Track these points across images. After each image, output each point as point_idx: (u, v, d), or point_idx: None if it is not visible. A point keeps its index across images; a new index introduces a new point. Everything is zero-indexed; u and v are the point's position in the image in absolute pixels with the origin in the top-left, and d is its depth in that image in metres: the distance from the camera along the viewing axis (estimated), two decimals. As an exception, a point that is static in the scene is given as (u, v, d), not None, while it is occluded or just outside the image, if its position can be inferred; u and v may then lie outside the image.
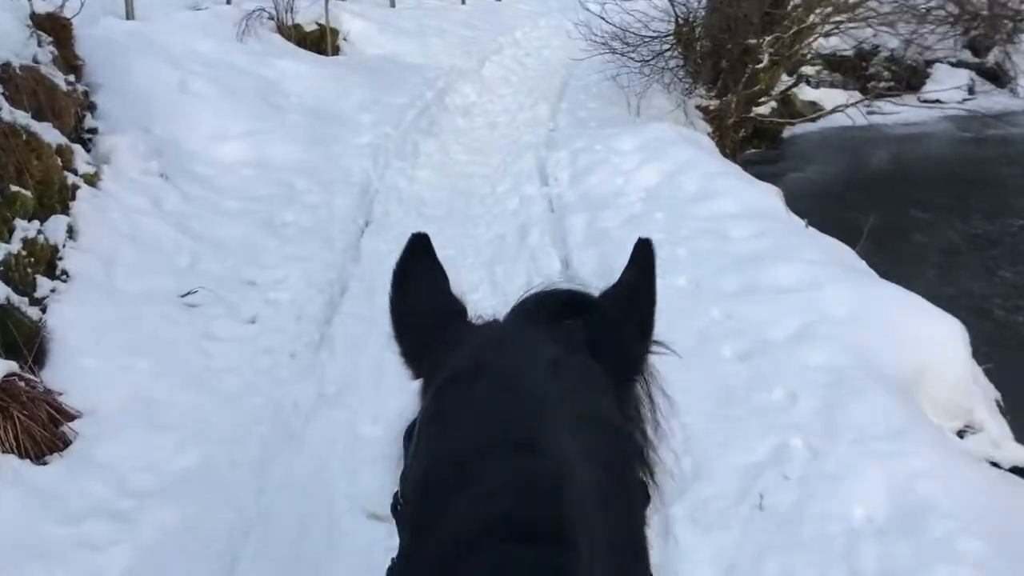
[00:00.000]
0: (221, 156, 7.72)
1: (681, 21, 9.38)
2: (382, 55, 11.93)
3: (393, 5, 14.66)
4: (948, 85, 14.57)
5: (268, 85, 9.51)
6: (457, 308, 1.15)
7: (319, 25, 11.87)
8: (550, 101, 9.99)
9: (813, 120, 11.22)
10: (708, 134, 9.07)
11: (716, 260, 4.91)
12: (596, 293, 1.19)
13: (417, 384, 1.11)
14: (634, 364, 1.10)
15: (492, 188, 7.42)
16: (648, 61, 9.22)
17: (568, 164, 7.37)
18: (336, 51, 11.99)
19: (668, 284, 4.72)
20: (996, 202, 10.45)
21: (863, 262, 5.11)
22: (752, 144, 11.93)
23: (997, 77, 15.07)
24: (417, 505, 0.88)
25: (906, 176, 11.56)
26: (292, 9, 11.51)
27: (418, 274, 1.15)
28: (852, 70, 14.80)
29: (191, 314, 5.08)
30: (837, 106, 10.47)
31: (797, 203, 7.70)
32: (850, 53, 14.33)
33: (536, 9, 16.76)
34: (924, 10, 12.13)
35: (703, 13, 9.63)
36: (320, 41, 11.78)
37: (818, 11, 9.26)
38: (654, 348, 1.15)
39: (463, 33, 13.55)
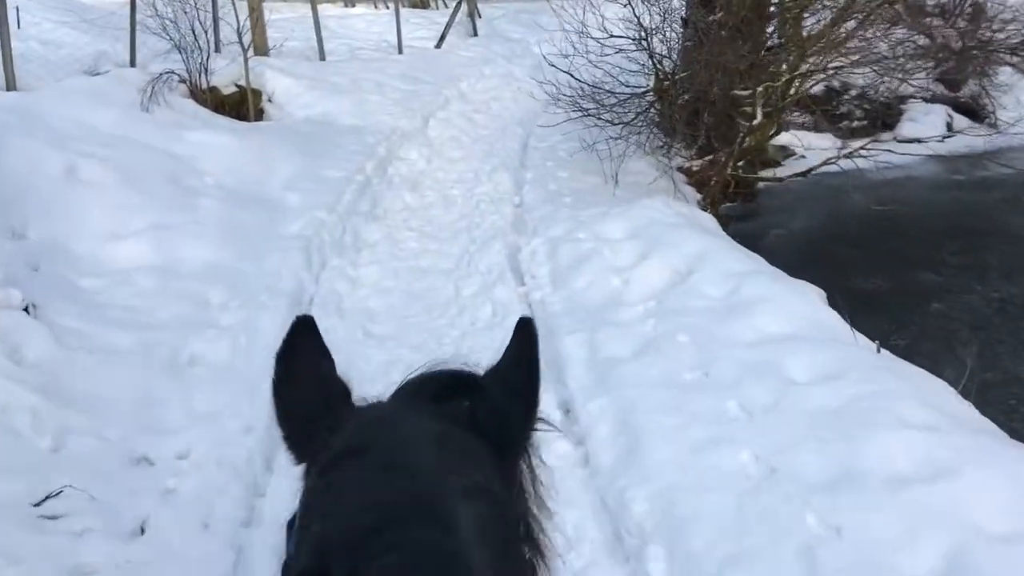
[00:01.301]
0: (116, 260, 6.26)
1: (662, 75, 8.11)
2: (312, 117, 10.51)
3: (323, 58, 13.29)
4: (925, 123, 13.64)
5: (178, 164, 8.04)
6: (341, 391, 1.14)
7: (239, 87, 10.42)
8: (511, 168, 8.65)
9: (804, 175, 10.04)
10: (698, 203, 7.82)
11: (785, 422, 3.56)
12: (479, 373, 1.15)
13: (300, 469, 1.07)
14: (519, 442, 1.08)
15: (456, 290, 6.02)
16: (628, 122, 7.93)
17: (547, 257, 6.01)
18: (260, 115, 10.55)
19: (728, 461, 3.36)
20: (1012, 257, 9.35)
21: (977, 413, 3.81)
22: (726, 197, 10.76)
23: (974, 112, 14.18)
24: None
25: (902, 229, 10.42)
26: (207, 70, 10.05)
27: (301, 357, 1.14)
28: (822, 110, 13.77)
29: (48, 534, 3.57)
30: (829, 158, 9.33)
31: (791, 269, 6.50)
32: (819, 91, 13.35)
33: (479, 56, 15.50)
34: (895, 42, 11.14)
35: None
36: (240, 104, 10.33)
37: (812, 54, 8.09)
38: (537, 425, 1.12)
39: (403, 87, 12.20)
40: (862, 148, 9.20)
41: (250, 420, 4.46)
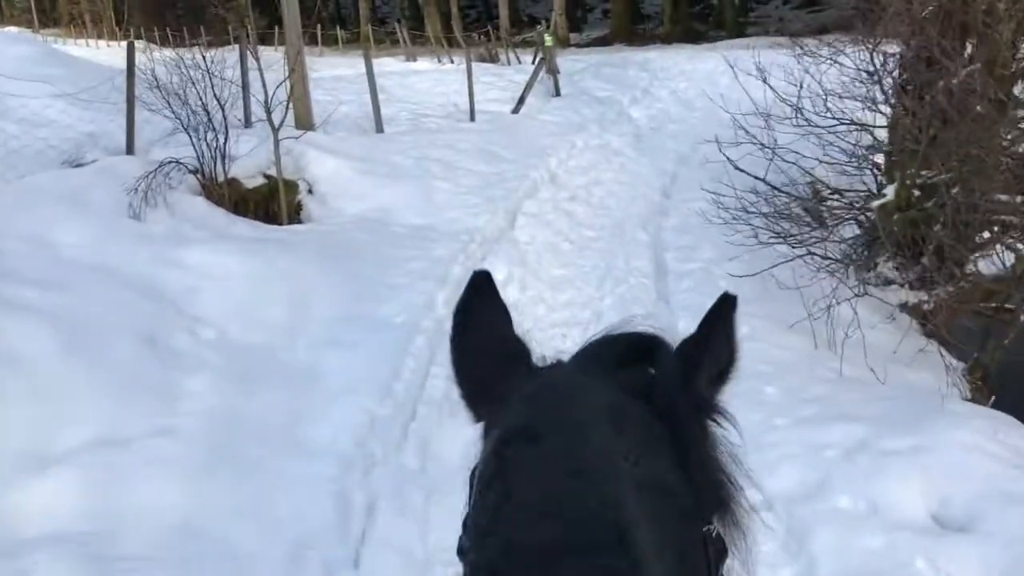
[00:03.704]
0: (18, 527, 3.67)
1: (910, 181, 5.23)
2: (366, 215, 7.93)
3: (380, 130, 10.78)
4: None
5: (164, 308, 5.49)
6: (520, 350, 1.03)
7: (267, 178, 7.88)
8: (646, 304, 5.90)
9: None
10: (963, 374, 4.97)
11: None
12: (665, 336, 1.00)
13: (479, 427, 0.98)
14: (708, 407, 0.95)
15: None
16: (857, 248, 5.10)
17: (786, 549, 3.20)
18: (297, 212, 8.00)
19: None
20: None
21: None
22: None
23: None
24: None
25: None
26: (226, 156, 7.53)
27: (480, 314, 1.04)
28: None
29: None
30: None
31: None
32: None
33: (565, 122, 12.91)
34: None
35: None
36: (270, 200, 7.80)
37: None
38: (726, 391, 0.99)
39: (479, 168, 9.60)
40: None
41: None
